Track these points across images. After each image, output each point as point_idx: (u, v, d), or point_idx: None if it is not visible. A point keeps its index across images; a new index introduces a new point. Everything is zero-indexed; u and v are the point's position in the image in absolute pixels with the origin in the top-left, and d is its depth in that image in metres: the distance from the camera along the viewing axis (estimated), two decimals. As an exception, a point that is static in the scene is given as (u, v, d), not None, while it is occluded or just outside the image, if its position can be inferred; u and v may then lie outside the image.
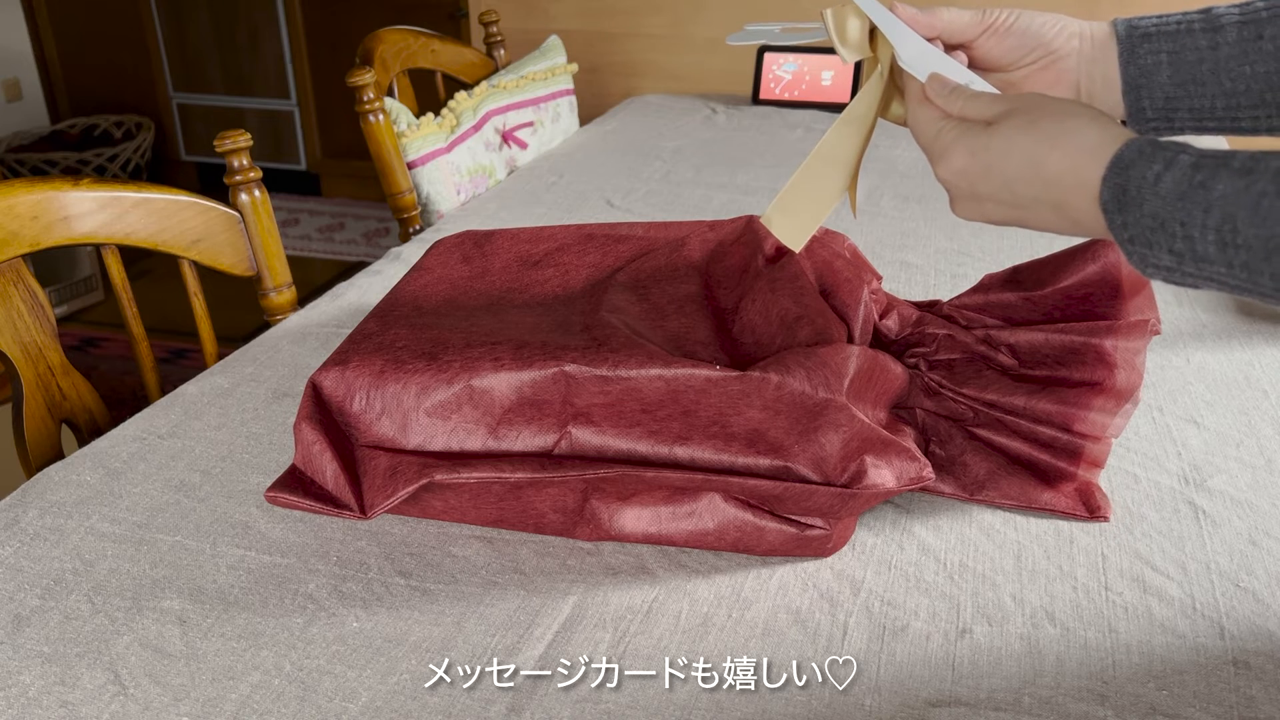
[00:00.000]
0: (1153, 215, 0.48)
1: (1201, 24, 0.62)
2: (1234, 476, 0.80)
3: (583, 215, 1.40)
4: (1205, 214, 0.46)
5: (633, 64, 2.36)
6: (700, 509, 0.72)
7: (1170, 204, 0.48)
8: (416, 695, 0.61)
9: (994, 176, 0.57)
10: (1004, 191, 0.57)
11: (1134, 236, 0.50)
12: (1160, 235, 0.48)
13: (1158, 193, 0.48)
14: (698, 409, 0.73)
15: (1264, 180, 0.45)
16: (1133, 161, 0.50)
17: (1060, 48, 0.66)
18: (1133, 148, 0.51)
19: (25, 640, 0.65)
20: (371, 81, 1.44)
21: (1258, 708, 0.59)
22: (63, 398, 1.00)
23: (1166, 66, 0.63)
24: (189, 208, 1.06)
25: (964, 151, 0.58)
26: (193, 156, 3.90)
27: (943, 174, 0.60)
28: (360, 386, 0.76)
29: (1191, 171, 0.47)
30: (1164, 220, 0.48)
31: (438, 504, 0.75)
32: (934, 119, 0.62)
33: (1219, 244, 0.46)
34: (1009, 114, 0.57)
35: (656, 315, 0.83)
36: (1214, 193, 0.46)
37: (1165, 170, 0.48)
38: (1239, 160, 0.47)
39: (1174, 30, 0.63)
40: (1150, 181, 0.49)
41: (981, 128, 0.58)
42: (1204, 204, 0.46)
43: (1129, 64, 0.64)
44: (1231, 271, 0.47)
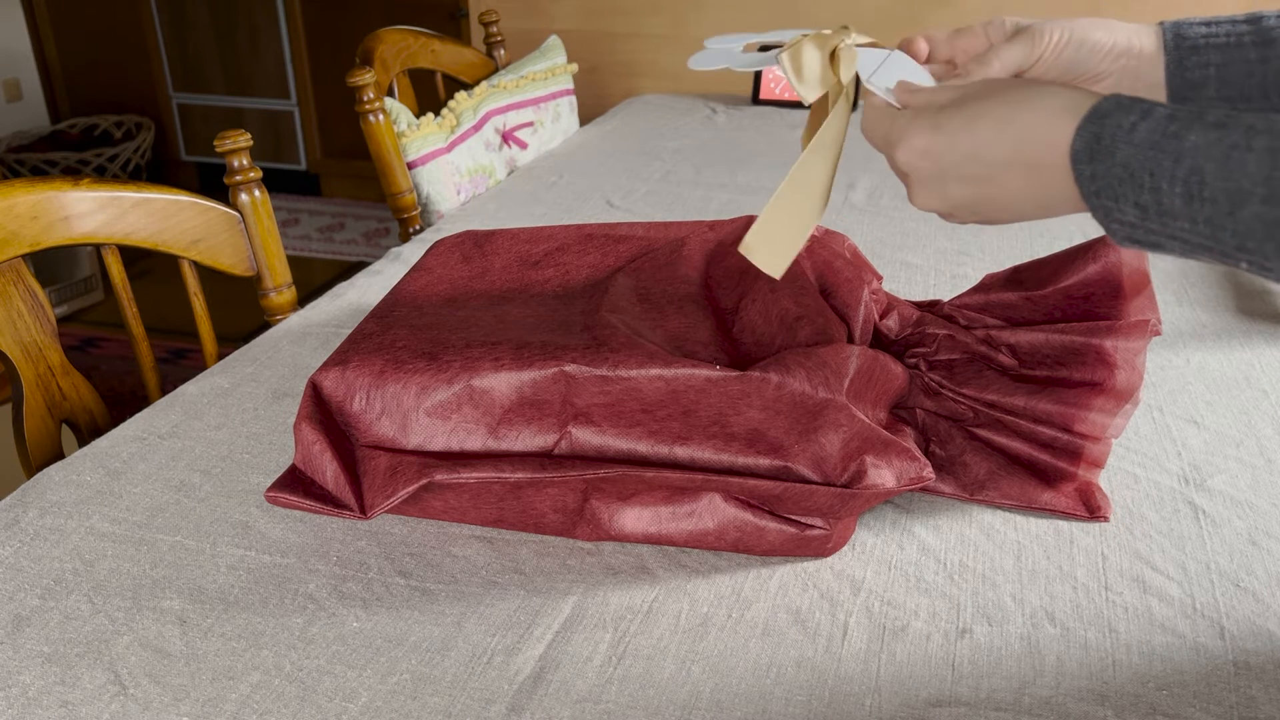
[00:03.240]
0: (1124, 164, 0.48)
1: (1252, 36, 0.61)
2: (1234, 476, 0.80)
3: (583, 215, 1.40)
4: (1175, 164, 0.46)
5: (633, 64, 2.36)
6: (700, 509, 0.72)
7: (1142, 152, 0.47)
8: (416, 695, 0.61)
9: (959, 147, 0.55)
10: (969, 164, 0.55)
11: (1101, 189, 0.49)
12: (1128, 186, 0.48)
13: (1131, 140, 0.48)
14: (698, 409, 0.73)
15: (1236, 133, 0.45)
16: (1110, 111, 0.49)
17: (1105, 69, 0.64)
18: (1111, 99, 0.50)
19: (25, 640, 0.65)
20: (371, 81, 1.44)
21: (1258, 708, 0.59)
22: (63, 398, 1.00)
23: (1214, 81, 0.62)
24: (189, 208, 1.06)
25: (925, 128, 0.56)
26: (193, 156, 3.90)
27: (902, 158, 0.58)
28: (360, 386, 0.76)
29: (1166, 122, 0.47)
30: (1134, 170, 0.47)
31: (438, 504, 0.75)
32: (885, 113, 0.60)
33: (1185, 196, 0.46)
34: (968, 94, 0.56)
35: (656, 315, 0.83)
36: (1186, 143, 0.46)
37: (1141, 120, 0.48)
38: (1214, 115, 0.46)
39: (1223, 42, 0.62)
40: (1125, 130, 0.48)
41: (937, 108, 0.57)
42: (1175, 153, 0.46)
43: (1175, 75, 0.63)
44: (1195, 227, 0.46)
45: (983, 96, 0.55)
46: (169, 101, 3.84)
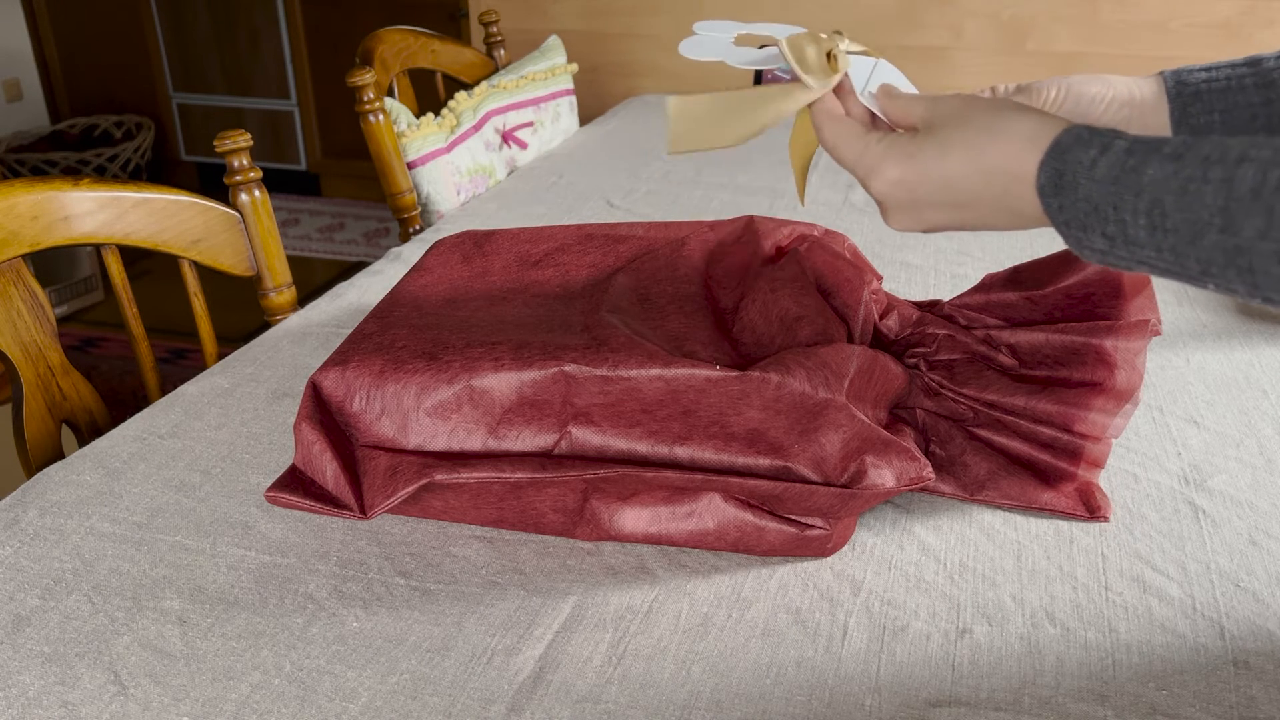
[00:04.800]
0: (1087, 199, 0.49)
1: (1253, 79, 0.61)
2: (1234, 476, 0.80)
3: (583, 215, 1.40)
4: (1136, 198, 0.47)
5: (633, 64, 2.36)
6: (700, 509, 0.72)
7: (1104, 188, 0.48)
8: (416, 695, 0.61)
9: (932, 178, 0.56)
10: (943, 192, 0.56)
11: (1069, 220, 0.50)
12: (1094, 219, 0.49)
13: (1093, 177, 0.49)
14: (698, 409, 0.73)
15: (1191, 165, 0.46)
16: (1070, 146, 0.51)
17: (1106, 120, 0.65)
18: (1070, 133, 0.51)
19: (25, 640, 0.65)
20: (371, 81, 1.44)
21: (1258, 708, 0.59)
22: (63, 398, 1.00)
23: (1219, 126, 0.62)
24: (189, 208, 1.06)
25: (898, 159, 0.57)
26: (193, 156, 3.90)
27: (878, 188, 0.59)
28: (360, 386, 0.76)
29: (1125, 156, 0.48)
30: (1097, 204, 0.49)
31: (438, 504, 0.75)
32: (857, 135, 0.61)
33: (1149, 228, 0.47)
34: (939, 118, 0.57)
35: (656, 315, 0.83)
36: (1144, 177, 0.47)
37: (1100, 155, 0.49)
38: (1170, 146, 0.47)
39: (1224, 86, 0.62)
40: (1086, 166, 0.49)
41: (910, 135, 0.58)
42: (1135, 188, 0.47)
43: (1180, 124, 0.63)
44: (1160, 255, 0.47)
45: (954, 123, 0.56)
46: (169, 101, 3.84)
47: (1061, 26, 2.09)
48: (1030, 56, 2.13)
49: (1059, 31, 2.09)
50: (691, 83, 2.33)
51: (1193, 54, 2.04)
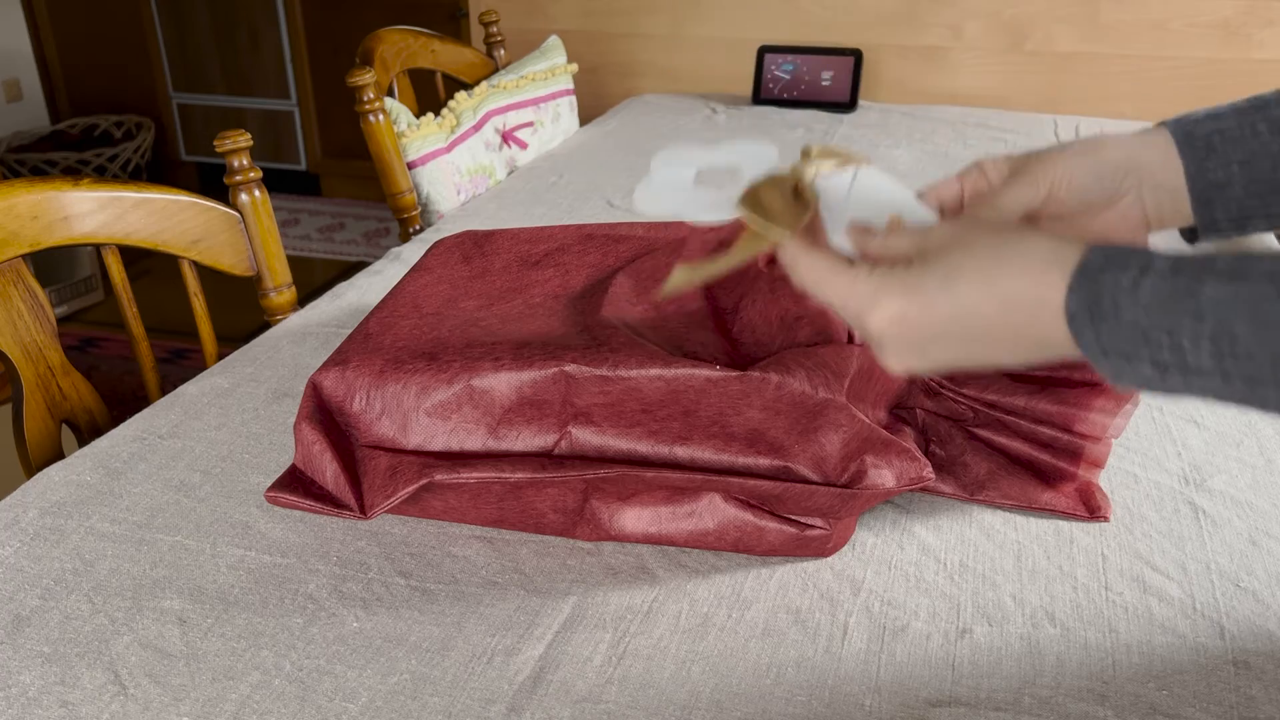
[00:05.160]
0: (1133, 325, 0.44)
1: (1266, 124, 0.58)
2: (1234, 476, 0.80)
3: (583, 215, 1.40)
4: (1197, 322, 0.42)
5: (633, 64, 2.36)
6: (700, 509, 0.72)
7: (1153, 313, 0.43)
8: (416, 695, 0.61)
9: (938, 311, 0.49)
10: (953, 326, 0.49)
11: (1110, 349, 0.45)
12: (1142, 347, 0.44)
13: (1138, 301, 0.43)
14: (698, 409, 0.73)
15: (1260, 283, 0.41)
16: (1101, 268, 0.45)
17: (1122, 189, 0.59)
18: (1098, 254, 0.46)
19: (25, 640, 0.65)
20: (371, 81, 1.44)
21: (1258, 708, 0.59)
22: (63, 398, 1.00)
23: (1239, 179, 0.58)
24: (189, 208, 1.06)
25: (897, 292, 0.50)
26: (193, 156, 3.90)
27: (876, 326, 0.51)
28: (360, 386, 0.76)
29: (1171, 276, 0.43)
30: (1146, 330, 0.43)
31: (438, 504, 0.75)
32: (839, 269, 0.52)
33: (1215, 354, 0.42)
34: (937, 245, 0.51)
35: (657, 315, 0.83)
36: (1202, 299, 0.42)
37: (1142, 275, 0.44)
38: (1222, 263, 0.43)
39: (1237, 135, 0.58)
40: (1127, 289, 0.44)
41: (905, 266, 0.51)
42: (1193, 311, 0.42)
43: (1197, 180, 0.59)
44: (1229, 383, 0.42)
45: (956, 249, 0.50)
46: (169, 101, 3.83)
47: (1061, 26, 2.09)
48: (1030, 56, 2.13)
49: (1059, 31, 2.09)
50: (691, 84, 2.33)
51: (1193, 54, 2.04)
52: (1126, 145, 0.59)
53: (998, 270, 0.48)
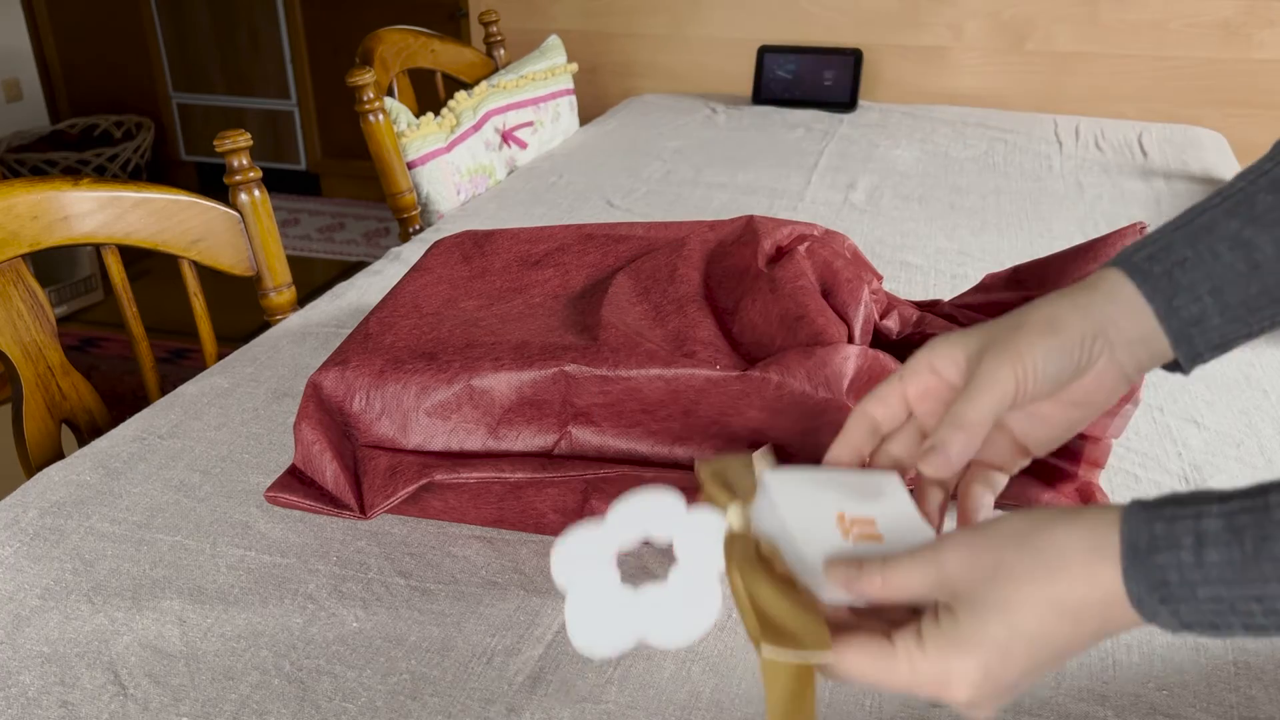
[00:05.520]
0: (1214, 599, 0.41)
1: (1225, 244, 0.53)
2: (1234, 476, 0.80)
3: (583, 215, 1.40)
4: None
5: (633, 64, 2.36)
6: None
7: (1233, 586, 0.41)
8: (416, 695, 0.61)
9: (1016, 656, 0.45)
10: (1034, 659, 0.45)
11: (1194, 623, 0.42)
12: (1232, 617, 0.41)
13: (1208, 577, 0.41)
14: (698, 409, 0.73)
15: None
16: (1151, 547, 0.42)
17: (1090, 358, 0.55)
18: (1136, 530, 0.43)
19: (25, 640, 0.65)
20: (371, 81, 1.44)
21: (1258, 708, 0.59)
22: (63, 398, 1.00)
23: (1214, 310, 0.54)
24: (189, 208, 1.06)
25: (965, 655, 0.46)
26: (193, 156, 3.90)
27: (962, 694, 0.46)
28: (360, 386, 0.76)
29: (1233, 540, 0.41)
30: (1232, 602, 0.41)
31: (438, 504, 0.75)
32: (884, 655, 0.47)
33: None
34: (965, 579, 0.46)
35: (656, 315, 0.83)
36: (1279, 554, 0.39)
37: (1201, 547, 0.41)
38: (1276, 505, 0.40)
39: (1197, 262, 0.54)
40: (1191, 564, 0.41)
41: (946, 617, 0.46)
42: (1277, 575, 0.40)
43: (1171, 320, 0.54)
44: None
45: (991, 581, 0.46)
46: (169, 101, 3.83)
47: (1061, 26, 2.09)
48: (1030, 56, 2.13)
49: (1059, 31, 2.09)
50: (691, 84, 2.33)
51: (1193, 54, 2.04)
52: (1087, 311, 0.54)
53: (1051, 589, 0.45)
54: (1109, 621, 0.44)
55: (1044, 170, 1.56)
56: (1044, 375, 0.53)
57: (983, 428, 0.53)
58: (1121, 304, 0.54)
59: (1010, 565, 0.45)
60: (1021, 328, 0.54)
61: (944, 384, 0.56)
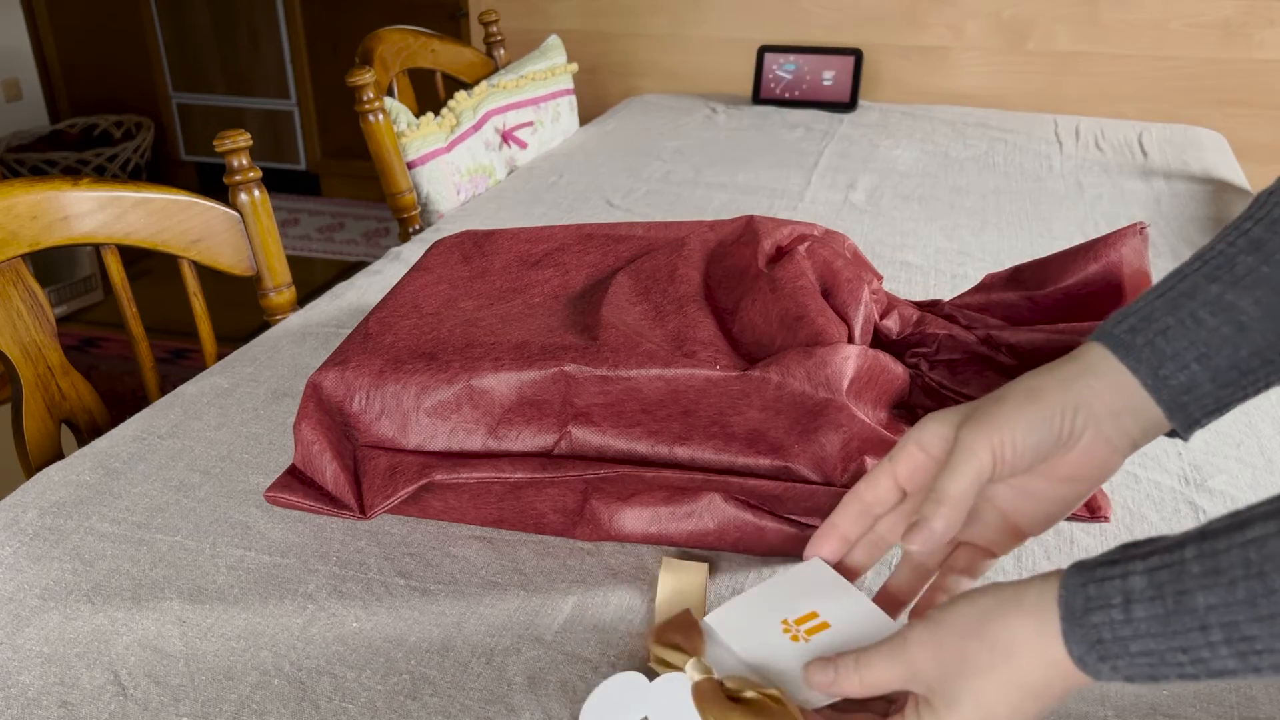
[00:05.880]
0: (1145, 654, 0.43)
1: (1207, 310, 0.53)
2: (1234, 476, 0.80)
3: (583, 215, 1.40)
4: (1205, 634, 0.41)
5: (633, 64, 2.37)
6: (700, 509, 0.72)
7: (1160, 640, 0.42)
8: (416, 695, 0.61)
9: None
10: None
11: (1134, 676, 0.44)
12: (1164, 668, 0.43)
13: (1137, 631, 0.43)
14: (698, 409, 0.73)
15: (1242, 582, 0.40)
16: (1086, 607, 0.44)
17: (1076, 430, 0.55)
18: (1073, 591, 0.45)
19: (25, 640, 0.65)
20: (371, 81, 1.44)
21: (1258, 708, 0.59)
22: (62, 398, 1.00)
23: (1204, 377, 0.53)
24: (189, 208, 1.06)
25: None
26: (193, 156, 3.90)
27: None
28: (360, 386, 0.76)
29: (1154, 593, 0.42)
30: (1162, 654, 0.42)
31: (437, 504, 0.75)
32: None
33: (1237, 656, 0.41)
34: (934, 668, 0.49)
35: (656, 315, 0.83)
36: (1198, 609, 0.41)
37: (1129, 605, 0.43)
38: (1195, 564, 0.42)
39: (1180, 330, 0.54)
40: (1121, 621, 0.43)
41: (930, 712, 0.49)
42: (1198, 626, 0.41)
43: (1161, 390, 0.54)
44: (1260, 675, 0.41)
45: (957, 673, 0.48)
46: (169, 101, 3.84)
47: (1061, 26, 2.09)
48: (1030, 56, 2.13)
49: (1059, 31, 2.09)
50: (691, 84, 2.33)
51: (1193, 54, 2.04)
52: (1068, 384, 0.55)
53: (1013, 676, 0.47)
54: (1070, 683, 0.46)
55: (1044, 170, 1.56)
56: (1024, 446, 0.54)
57: (964, 500, 0.54)
58: (1105, 377, 0.55)
59: (973, 658, 0.48)
60: (1002, 400, 0.55)
61: (933, 461, 0.57)
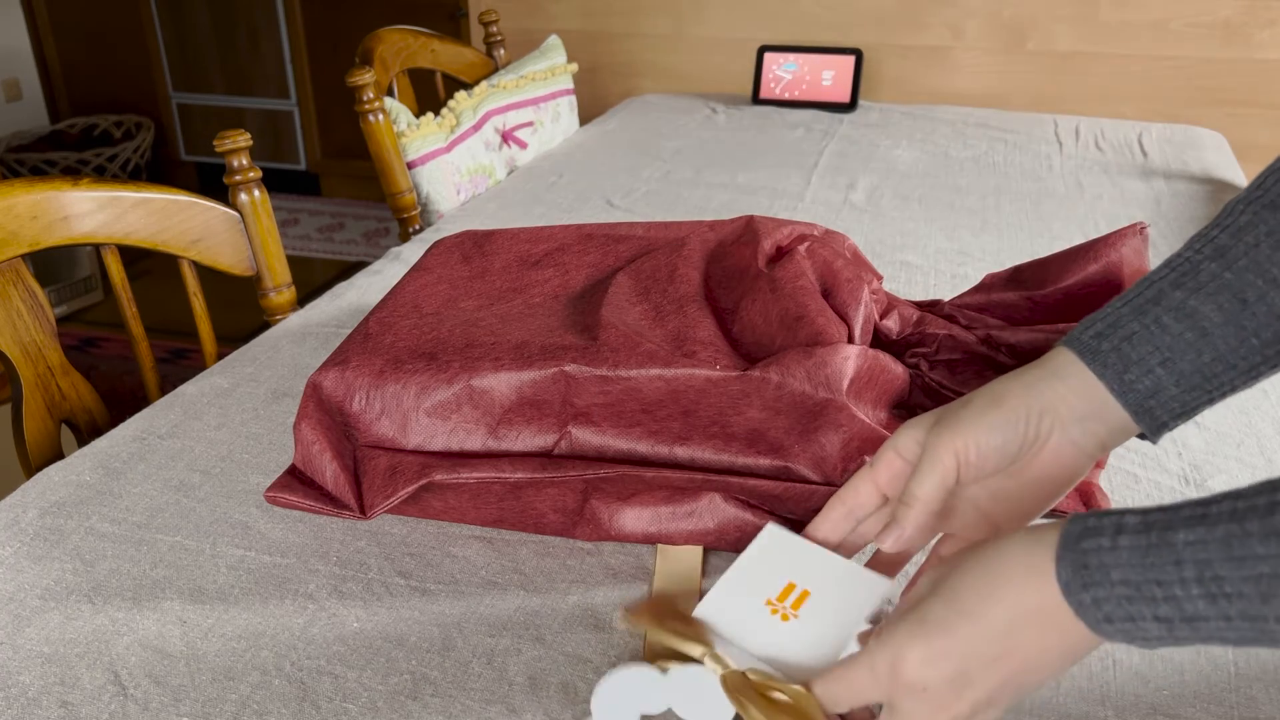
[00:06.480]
0: (1124, 583, 0.44)
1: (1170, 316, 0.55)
2: (1234, 476, 0.80)
3: (583, 215, 1.40)
4: (1179, 568, 0.42)
5: (633, 64, 2.37)
6: (700, 509, 0.72)
7: (1137, 568, 0.43)
8: (416, 695, 0.61)
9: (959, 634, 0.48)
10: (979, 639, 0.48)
11: (1112, 615, 0.44)
12: (1140, 605, 0.43)
13: (1119, 558, 0.44)
14: (698, 409, 0.73)
15: (1226, 522, 0.41)
16: (1080, 535, 0.45)
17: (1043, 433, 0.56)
18: (1075, 523, 0.46)
19: (25, 640, 0.65)
20: (371, 81, 1.44)
21: (1258, 708, 0.59)
22: (62, 398, 1.00)
23: (1169, 381, 0.55)
24: (189, 208, 1.06)
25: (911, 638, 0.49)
26: (193, 156, 3.90)
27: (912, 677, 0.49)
28: (360, 386, 0.76)
29: (1145, 530, 0.44)
30: (1138, 585, 0.43)
31: (438, 504, 0.75)
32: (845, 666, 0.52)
33: (1207, 597, 0.42)
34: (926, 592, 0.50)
35: (656, 315, 0.83)
36: (1177, 543, 0.42)
37: (1118, 534, 0.44)
38: (1187, 509, 0.43)
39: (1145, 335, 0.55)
40: (1108, 548, 0.44)
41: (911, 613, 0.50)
42: (1173, 559, 0.42)
43: (1127, 394, 0.55)
44: (1231, 624, 0.42)
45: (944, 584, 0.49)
46: (169, 101, 3.84)
47: (1061, 26, 2.09)
48: (1030, 56, 2.13)
49: (1059, 31, 2.09)
50: (691, 84, 2.33)
51: (1193, 54, 2.04)
52: (1032, 388, 0.56)
53: (995, 569, 0.48)
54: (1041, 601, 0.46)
55: (1044, 170, 1.56)
56: (987, 449, 0.56)
57: (931, 503, 0.57)
58: (1070, 381, 0.56)
59: (962, 567, 0.49)
60: (968, 404, 0.57)
61: (909, 466, 0.59)
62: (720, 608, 0.60)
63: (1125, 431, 0.57)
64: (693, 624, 0.59)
